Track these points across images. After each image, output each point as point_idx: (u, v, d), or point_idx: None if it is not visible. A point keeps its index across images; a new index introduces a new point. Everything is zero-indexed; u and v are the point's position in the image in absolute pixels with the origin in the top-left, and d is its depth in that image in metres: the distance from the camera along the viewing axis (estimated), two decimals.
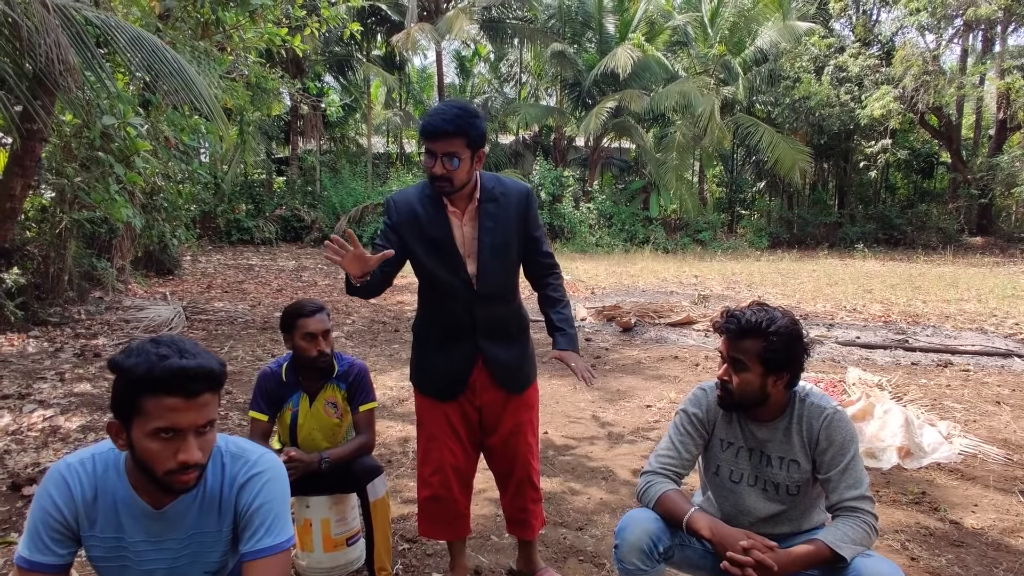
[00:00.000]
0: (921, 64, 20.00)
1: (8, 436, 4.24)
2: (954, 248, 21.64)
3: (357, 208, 21.72)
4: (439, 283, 2.42)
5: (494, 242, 2.39)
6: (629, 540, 2.00)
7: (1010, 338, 8.02)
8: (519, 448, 2.59)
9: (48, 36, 5.44)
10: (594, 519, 3.38)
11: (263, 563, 1.48)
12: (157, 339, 1.44)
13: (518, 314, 2.59)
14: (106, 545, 1.51)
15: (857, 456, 2.02)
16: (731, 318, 2.02)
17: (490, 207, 2.40)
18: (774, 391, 2.02)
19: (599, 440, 4.55)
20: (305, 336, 2.65)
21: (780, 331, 1.97)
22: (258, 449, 1.60)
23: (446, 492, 2.55)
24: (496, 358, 2.49)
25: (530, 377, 2.62)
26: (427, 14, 23.14)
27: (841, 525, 1.91)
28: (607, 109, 20.91)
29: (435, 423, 2.55)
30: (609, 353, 7.24)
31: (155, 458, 1.39)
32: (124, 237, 9.67)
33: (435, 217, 2.37)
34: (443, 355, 2.51)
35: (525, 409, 2.60)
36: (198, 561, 1.56)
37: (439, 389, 2.53)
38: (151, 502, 1.51)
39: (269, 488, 1.54)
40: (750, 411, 2.06)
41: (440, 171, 2.25)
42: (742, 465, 2.11)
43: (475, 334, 2.46)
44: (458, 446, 2.55)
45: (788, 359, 1.99)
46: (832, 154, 25.29)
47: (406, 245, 2.41)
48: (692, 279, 13.79)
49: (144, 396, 1.36)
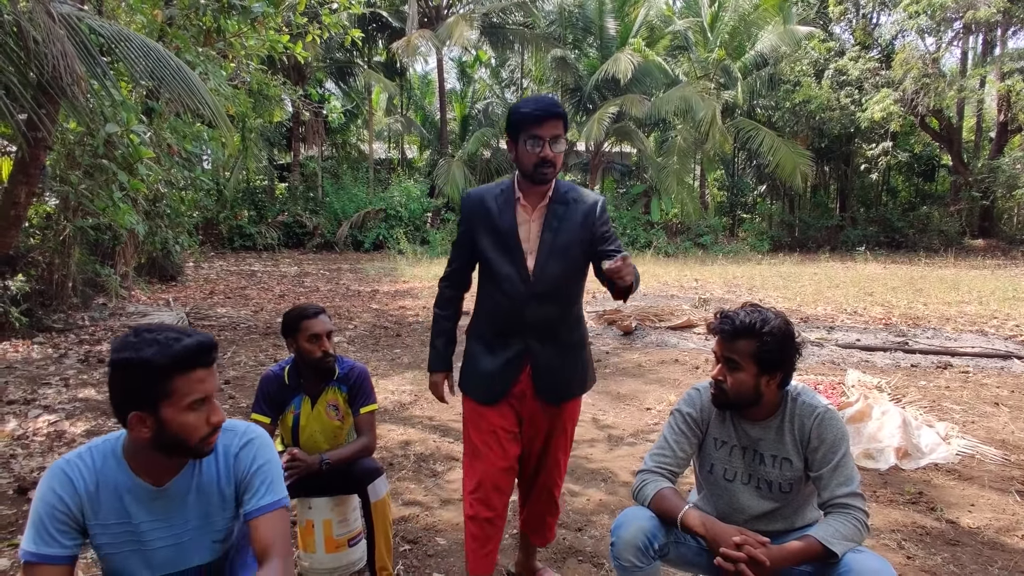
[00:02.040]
0: (921, 67, 20.04)
1: (14, 441, 4.29)
2: (955, 250, 21.65)
3: (359, 214, 21.81)
4: (497, 276, 2.43)
5: (556, 241, 2.39)
6: (625, 537, 2.03)
7: (1010, 340, 8.05)
8: (547, 463, 2.61)
9: (55, 46, 5.50)
10: (593, 520, 3.41)
11: (268, 518, 1.61)
12: (145, 328, 1.52)
13: (574, 323, 2.53)
14: (114, 531, 1.56)
15: (848, 454, 2.05)
16: (725, 319, 2.06)
17: (559, 209, 2.42)
18: (767, 390, 2.06)
19: (599, 442, 4.58)
20: (310, 338, 2.70)
21: (773, 331, 2.01)
22: (241, 423, 1.72)
23: (486, 511, 2.47)
24: (544, 363, 2.45)
25: (574, 391, 2.56)
26: (428, 20, 23.25)
27: (833, 522, 1.94)
28: (608, 114, 20.98)
29: (483, 435, 2.49)
30: (610, 356, 7.28)
31: (192, 429, 1.52)
32: (127, 244, 9.73)
33: (504, 211, 2.42)
34: (492, 355, 2.49)
35: (561, 426, 2.57)
36: (205, 531, 1.64)
37: (484, 390, 2.49)
38: (152, 481, 1.58)
39: (263, 451, 1.68)
40: (744, 410, 2.10)
41: (551, 155, 2.29)
42: (736, 463, 2.14)
43: (525, 334, 2.43)
44: (505, 460, 2.49)
45: (781, 359, 2.03)
46: (833, 157, 25.32)
47: (475, 236, 2.47)
48: (693, 283, 13.81)
49: (173, 378, 1.48)
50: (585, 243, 2.42)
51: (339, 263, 18.08)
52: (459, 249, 2.56)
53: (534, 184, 2.37)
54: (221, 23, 10.69)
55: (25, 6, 5.88)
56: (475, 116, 27.47)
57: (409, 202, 22.33)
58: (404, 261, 17.81)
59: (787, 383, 2.10)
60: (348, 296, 11.62)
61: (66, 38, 5.79)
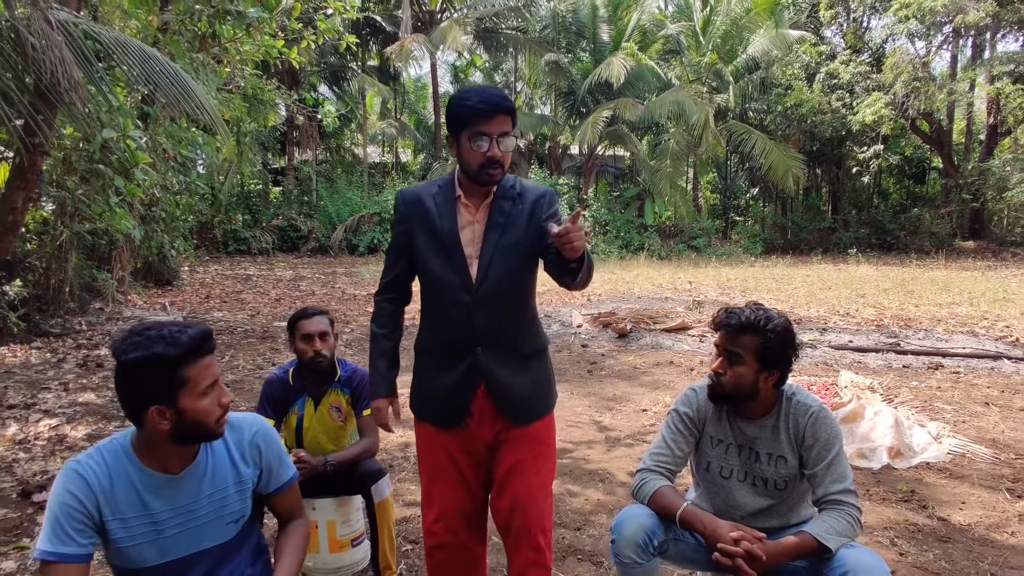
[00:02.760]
0: (911, 70, 20.21)
1: (16, 445, 4.32)
2: (946, 252, 21.81)
3: (353, 218, 21.85)
4: (438, 283, 2.18)
5: (501, 241, 2.13)
6: (625, 535, 2.08)
7: (1000, 341, 8.14)
8: (518, 491, 2.18)
9: (53, 52, 5.54)
10: (592, 519, 3.47)
11: (289, 491, 1.87)
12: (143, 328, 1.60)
13: (529, 331, 2.25)
14: (132, 524, 1.62)
15: (841, 452, 2.11)
16: (731, 314, 2.13)
17: (505, 205, 2.16)
18: (764, 387, 2.11)
19: (596, 444, 4.64)
20: (303, 337, 2.78)
21: (776, 329, 2.08)
22: (239, 414, 1.84)
23: (454, 539, 2.25)
24: (499, 379, 2.16)
25: (539, 408, 2.24)
26: (421, 25, 23.33)
27: (827, 518, 2.00)
28: (602, 118, 21.09)
29: (436, 461, 2.26)
30: (605, 359, 7.34)
31: (208, 412, 1.62)
32: (124, 248, 9.75)
33: (444, 211, 2.16)
34: (442, 373, 2.21)
35: (529, 445, 2.21)
36: (221, 514, 1.72)
37: (438, 413, 2.24)
38: (168, 470, 1.65)
39: (272, 437, 1.84)
40: (739, 406, 2.16)
41: (499, 154, 2.04)
42: (732, 461, 2.20)
43: (474, 347, 2.15)
44: (463, 487, 2.25)
45: (781, 356, 2.10)
46: (825, 160, 25.47)
47: (411, 240, 2.21)
48: (687, 285, 13.90)
49: (186, 368, 1.57)
50: (533, 240, 2.14)
51: (334, 267, 18.11)
52: (395, 255, 2.29)
53: (478, 185, 2.13)
54: (217, 28, 10.72)
55: (23, 12, 5.91)
56: None
57: None
58: None
59: (783, 382, 2.16)
60: (344, 300, 11.65)
61: (64, 44, 5.83)
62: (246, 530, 1.78)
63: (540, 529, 2.19)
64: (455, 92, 2.16)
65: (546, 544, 2.21)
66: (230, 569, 1.73)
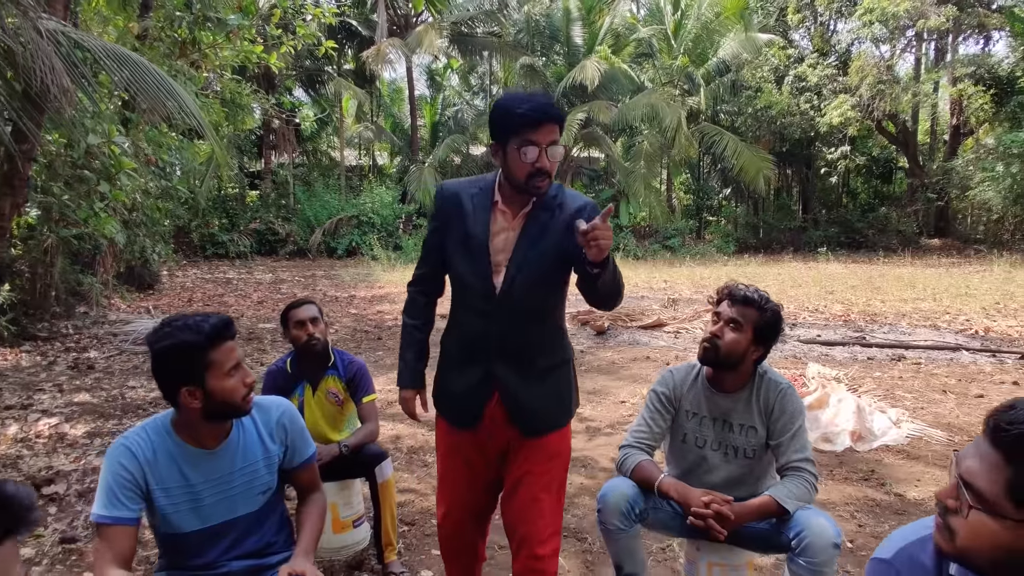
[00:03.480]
0: (876, 73, 20.74)
1: (18, 443, 4.46)
2: (913, 250, 22.36)
3: (332, 221, 21.93)
4: (463, 286, 2.18)
5: (530, 252, 2.09)
6: (610, 504, 2.32)
7: (960, 333, 8.53)
8: (523, 503, 2.18)
9: (44, 61, 5.67)
10: (576, 501, 3.71)
11: (309, 467, 2.08)
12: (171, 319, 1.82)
13: (550, 344, 2.20)
14: (174, 494, 1.83)
15: (803, 426, 2.37)
16: (738, 288, 2.39)
17: (543, 216, 2.10)
18: (748, 359, 2.37)
19: (578, 433, 4.88)
20: (296, 324, 3.00)
21: (772, 310, 2.36)
22: (267, 397, 2.09)
23: (458, 533, 2.34)
24: (512, 390, 2.15)
25: (553, 421, 2.21)
26: (397, 29, 23.48)
27: (787, 483, 2.26)
28: (577, 120, 21.37)
29: (450, 458, 2.30)
30: (585, 355, 7.59)
31: (234, 391, 1.81)
32: (107, 253, 9.83)
33: (479, 214, 2.13)
34: (459, 375, 2.23)
35: (540, 457, 2.18)
36: (252, 485, 1.93)
37: (453, 413, 2.27)
38: (204, 446, 1.87)
39: (296, 418, 2.06)
40: (721, 375, 2.40)
41: (547, 164, 1.99)
42: (706, 432, 2.45)
43: (490, 356, 2.14)
44: (471, 488, 2.29)
45: (771, 335, 2.37)
46: (795, 161, 25.99)
47: (445, 236, 2.20)
48: (662, 284, 14.22)
49: (210, 352, 1.77)
50: (565, 253, 2.07)
51: (313, 270, 18.21)
52: (429, 249, 2.29)
53: (522, 193, 2.09)
54: (196, 35, 10.83)
55: (13, 23, 6.03)
56: (445, 122, 27.73)
57: (381, 208, 22.52)
58: (379, 267, 17.99)
59: (763, 360, 2.42)
60: (326, 302, 11.80)
61: (54, 53, 5.96)
62: (273, 502, 1.99)
63: (539, 540, 2.16)
64: (502, 97, 2.08)
65: (546, 553, 2.17)
66: (259, 536, 1.94)
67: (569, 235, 1.97)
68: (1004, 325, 8.93)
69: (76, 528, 3.32)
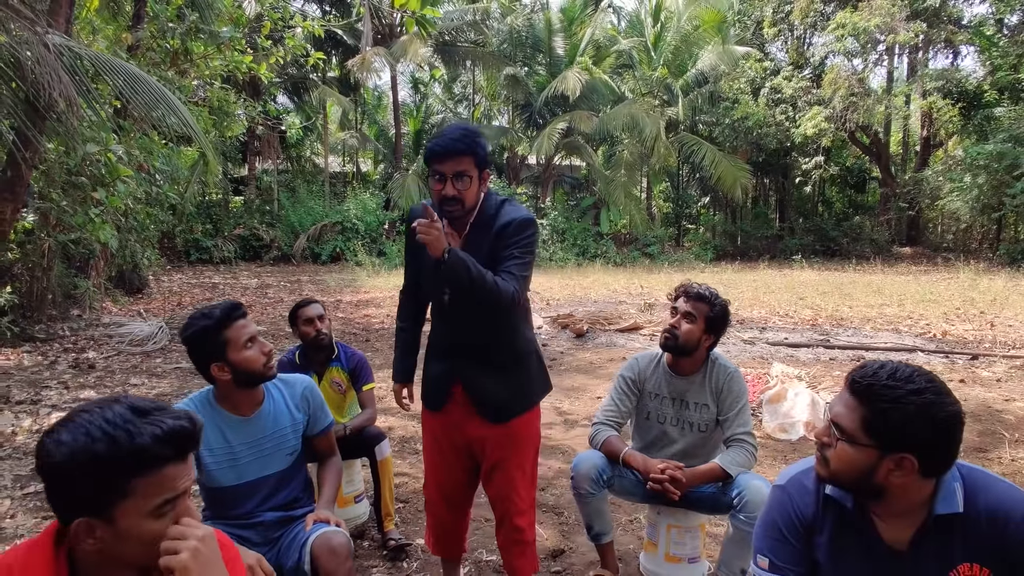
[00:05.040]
0: (848, 86, 21.36)
1: (35, 434, 4.77)
2: (884, 258, 22.96)
3: (316, 227, 22.19)
4: (427, 294, 2.53)
5: None
6: (581, 471, 2.71)
7: (920, 336, 9.00)
8: (501, 484, 2.49)
9: (51, 74, 5.98)
10: (554, 483, 4.09)
11: (328, 434, 2.43)
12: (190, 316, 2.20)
13: (505, 341, 2.44)
14: (218, 455, 2.20)
15: (747, 405, 2.76)
16: (692, 287, 2.79)
17: (478, 236, 2.34)
18: (702, 347, 2.76)
19: (557, 425, 5.27)
20: (305, 321, 3.39)
21: (721, 304, 2.76)
22: (292, 374, 2.44)
23: (435, 508, 2.66)
24: (475, 382, 2.42)
25: (516, 409, 2.47)
26: (381, 37, 23.80)
27: (731, 452, 2.65)
28: (558, 130, 21.85)
29: (426, 439, 2.63)
30: (564, 356, 7.98)
31: (254, 360, 2.17)
32: (99, 258, 10.09)
33: None
34: (432, 364, 2.54)
35: (509, 442, 2.47)
36: (281, 448, 2.29)
37: (427, 397, 2.56)
38: (240, 413, 2.23)
39: (316, 392, 2.41)
40: (679, 360, 2.79)
41: (451, 192, 2.22)
42: (666, 410, 2.84)
43: (455, 353, 2.45)
44: (444, 467, 2.58)
45: (720, 326, 2.76)
46: (771, 171, 26.63)
47: (408, 253, 2.54)
48: (640, 289, 14.65)
49: (224, 331, 2.14)
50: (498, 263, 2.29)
51: (298, 275, 18.47)
52: (406, 263, 2.62)
53: (442, 217, 2.30)
54: (188, 45, 11.13)
55: (18, 35, 6.33)
56: (428, 130, 28.11)
57: (365, 215, 22.81)
58: (363, 273, 18.28)
59: (714, 347, 2.81)
60: None
61: (61, 67, 6.27)
62: (298, 464, 2.36)
63: (518, 512, 2.49)
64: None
65: (526, 524, 2.53)
66: (287, 492, 2.30)
67: (492, 248, 2.28)
68: (961, 329, 9.43)
69: None
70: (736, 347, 8.37)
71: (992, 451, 4.60)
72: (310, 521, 2.15)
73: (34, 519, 3.49)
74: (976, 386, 6.39)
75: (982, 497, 1.45)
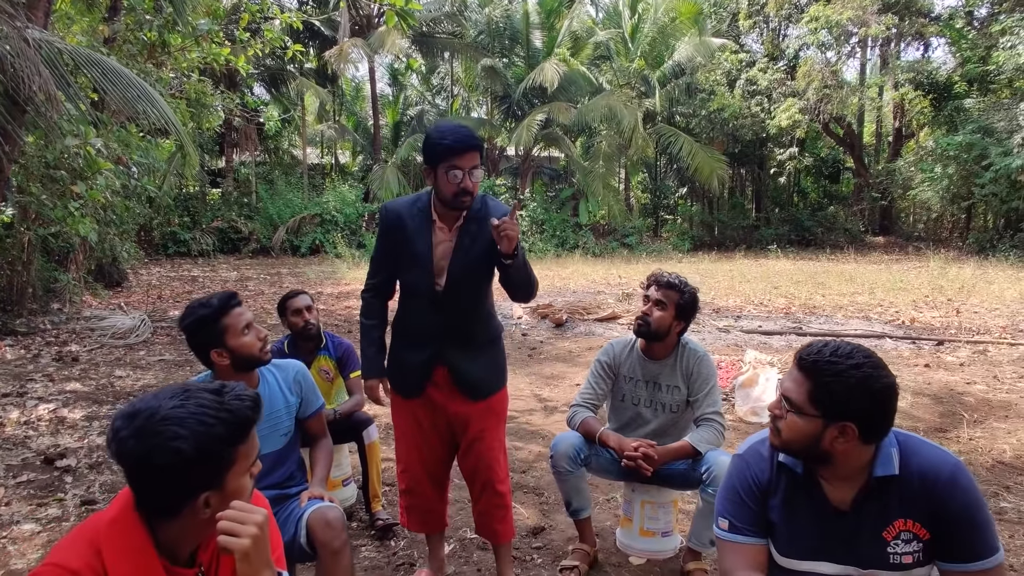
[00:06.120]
0: (821, 78, 21.67)
1: (23, 425, 4.84)
2: (858, 247, 23.38)
3: (295, 219, 22.14)
4: (411, 288, 2.62)
5: (466, 261, 2.53)
6: (560, 450, 2.87)
7: (889, 323, 9.27)
8: (482, 453, 2.66)
9: (32, 69, 6.00)
10: (534, 466, 4.25)
11: (319, 417, 2.59)
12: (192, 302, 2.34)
13: (484, 325, 2.67)
14: None
15: (716, 386, 2.92)
16: (663, 275, 2.94)
17: (472, 228, 2.53)
18: (672, 332, 2.91)
19: (537, 411, 5.43)
20: (293, 312, 3.52)
21: (690, 292, 2.92)
22: (285, 360, 2.58)
23: (417, 487, 2.76)
24: (459, 365, 2.60)
25: (494, 386, 2.70)
26: (359, 29, 23.74)
27: (700, 431, 2.81)
28: (536, 121, 21.96)
29: (404, 422, 2.73)
30: (543, 345, 8.14)
31: (251, 345, 2.31)
32: (79, 251, 10.09)
33: (420, 230, 2.55)
34: (409, 354, 2.65)
35: (488, 416, 2.67)
36: (276, 429, 2.43)
37: (403, 386, 2.69)
38: None
39: (308, 376, 2.57)
40: (652, 345, 2.94)
41: (470, 185, 2.40)
42: (640, 392, 2.99)
43: (440, 339, 2.59)
44: (426, 445, 2.71)
45: (690, 312, 2.92)
46: (748, 161, 26.91)
47: (392, 251, 2.64)
48: (618, 280, 14.84)
49: (222, 319, 2.28)
50: (490, 256, 2.51)
51: (278, 267, 18.47)
52: (378, 264, 2.71)
53: (452, 210, 2.50)
54: (166, 38, 11.10)
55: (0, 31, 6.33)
56: (407, 122, 28.09)
57: (344, 207, 22.80)
58: (343, 265, 18.31)
59: (684, 332, 2.97)
60: None
61: (41, 62, 6.29)
62: (292, 444, 2.49)
63: (499, 480, 2.69)
64: (433, 129, 2.47)
65: (506, 490, 2.73)
66: (283, 470, 2.43)
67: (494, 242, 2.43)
68: (929, 316, 9.72)
69: (94, 492, 3.75)
70: (711, 335, 8.58)
71: (952, 431, 4.83)
72: (304, 498, 2.28)
73: (28, 506, 3.57)
74: (940, 370, 6.64)
75: (915, 460, 1.62)
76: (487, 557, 3.09)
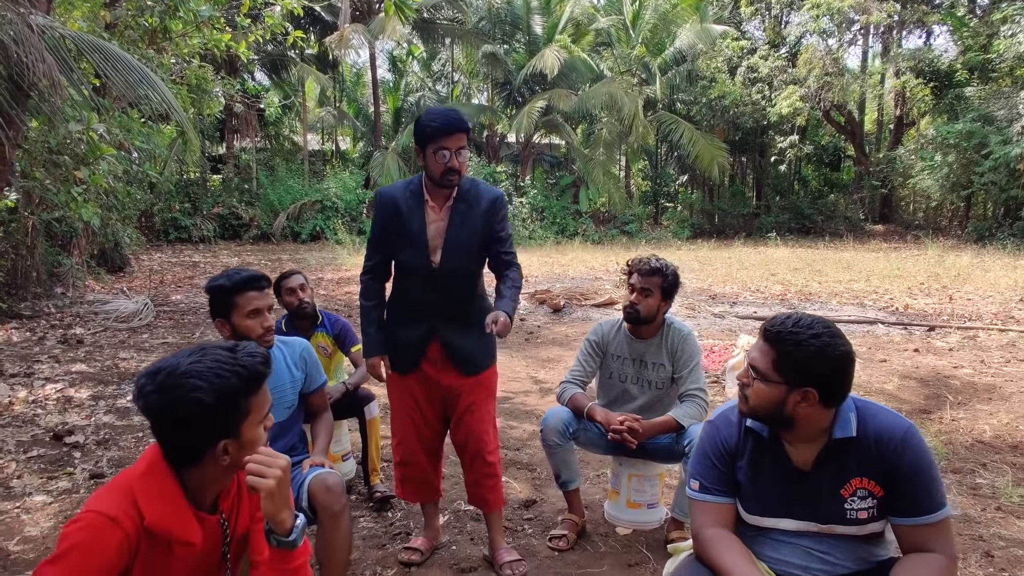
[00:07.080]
0: (822, 66, 21.68)
1: (31, 404, 4.97)
2: (857, 235, 23.45)
3: (295, 205, 22.21)
4: (407, 268, 2.76)
5: (458, 239, 2.69)
6: (550, 424, 2.99)
7: (882, 310, 9.38)
8: (472, 425, 2.80)
9: (36, 55, 6.09)
10: (527, 444, 4.38)
11: (321, 392, 2.73)
12: (225, 270, 2.45)
13: (479, 303, 2.80)
14: None
15: (699, 363, 3.04)
16: (644, 262, 3.04)
17: (461, 207, 2.71)
18: (659, 313, 3.03)
19: (532, 393, 5.56)
20: (287, 291, 3.65)
21: (673, 273, 3.03)
22: (290, 337, 2.71)
23: (413, 459, 2.90)
24: (452, 341, 2.74)
25: (485, 363, 2.83)
26: (360, 14, 23.73)
27: (684, 406, 2.93)
28: (537, 108, 21.99)
29: (400, 397, 2.87)
30: (541, 329, 8.26)
31: (251, 330, 2.42)
32: (82, 236, 10.20)
33: (414, 211, 2.70)
34: (404, 332, 2.79)
35: (479, 390, 2.81)
36: (281, 401, 2.54)
37: (399, 362, 2.83)
38: None
39: (312, 353, 2.70)
40: (639, 328, 3.05)
41: (456, 164, 2.58)
42: (627, 370, 3.11)
43: (435, 316, 2.73)
44: (421, 418, 2.85)
45: (672, 292, 3.03)
46: (748, 149, 26.95)
47: (388, 234, 2.77)
48: (617, 267, 14.92)
49: (234, 295, 2.40)
50: (485, 238, 2.73)
51: (278, 254, 18.58)
52: (374, 247, 2.84)
53: (441, 188, 2.69)
54: (167, 24, 11.15)
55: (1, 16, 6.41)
56: (408, 108, 28.08)
57: (345, 193, 22.86)
58: (343, 251, 18.41)
59: (668, 310, 3.08)
60: None
61: (45, 49, 6.37)
62: (295, 417, 2.61)
63: (489, 451, 2.83)
64: (423, 114, 2.66)
65: (495, 460, 2.86)
66: (286, 441, 2.55)
67: (485, 222, 2.71)
68: (923, 303, 9.83)
69: (102, 467, 3.88)
70: (707, 320, 8.70)
71: (935, 412, 4.96)
72: (306, 465, 2.40)
73: (40, 479, 3.71)
74: (929, 355, 6.76)
75: (871, 423, 1.75)
76: (480, 527, 3.21)
